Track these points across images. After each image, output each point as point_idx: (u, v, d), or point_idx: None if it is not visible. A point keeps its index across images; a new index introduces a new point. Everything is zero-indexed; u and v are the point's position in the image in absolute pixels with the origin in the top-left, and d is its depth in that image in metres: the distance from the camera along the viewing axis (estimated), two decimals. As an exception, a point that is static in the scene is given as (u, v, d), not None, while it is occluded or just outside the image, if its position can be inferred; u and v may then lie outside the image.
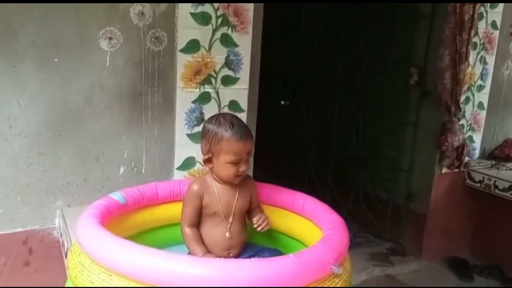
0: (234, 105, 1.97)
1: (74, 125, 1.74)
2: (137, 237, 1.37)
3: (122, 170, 1.85)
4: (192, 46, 1.84)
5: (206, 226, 1.38)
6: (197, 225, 1.37)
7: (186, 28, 1.81)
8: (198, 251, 1.30)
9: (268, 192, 1.51)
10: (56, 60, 1.66)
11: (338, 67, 3.26)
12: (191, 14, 1.80)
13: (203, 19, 1.83)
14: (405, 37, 2.84)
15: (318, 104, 3.46)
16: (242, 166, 1.31)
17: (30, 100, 1.65)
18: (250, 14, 1.91)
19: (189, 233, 1.34)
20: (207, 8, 1.83)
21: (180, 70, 1.84)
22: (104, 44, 1.71)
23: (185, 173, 1.94)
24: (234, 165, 1.30)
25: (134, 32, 1.75)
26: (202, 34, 1.84)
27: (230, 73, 1.94)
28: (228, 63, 1.92)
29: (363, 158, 3.18)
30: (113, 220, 1.24)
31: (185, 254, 1.35)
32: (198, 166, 1.93)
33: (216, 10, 1.84)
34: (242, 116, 1.97)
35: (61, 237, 1.71)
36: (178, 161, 1.93)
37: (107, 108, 1.77)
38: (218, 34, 1.87)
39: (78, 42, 1.68)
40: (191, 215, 1.35)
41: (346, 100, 3.24)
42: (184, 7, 1.79)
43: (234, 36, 1.91)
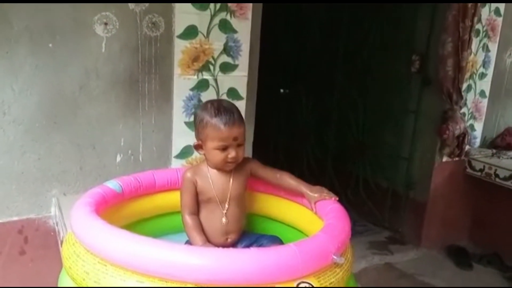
0: (232, 92, 1.94)
1: (69, 112, 1.71)
2: (134, 226, 1.35)
3: (118, 158, 1.83)
4: (189, 32, 1.80)
5: (203, 212, 1.36)
6: (197, 212, 1.35)
7: (184, 13, 1.77)
8: (197, 240, 1.28)
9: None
10: (50, 45, 1.62)
11: (339, 54, 3.22)
12: (189, -2, 1.76)
13: (201, 4, 1.79)
14: (406, 23, 2.79)
15: (317, 91, 3.43)
16: (232, 153, 1.28)
17: (24, 86, 1.62)
18: (250, -1, 1.87)
19: (188, 221, 1.32)
20: (205, -8, 1.79)
21: (177, 56, 1.80)
22: (99, 29, 1.67)
23: (183, 161, 1.92)
24: (222, 151, 1.28)
25: (131, 17, 1.71)
26: (200, 19, 1.80)
27: (229, 60, 1.90)
28: (226, 50, 1.88)
29: (363, 146, 3.16)
30: (108, 209, 1.21)
31: (182, 242, 1.34)
32: (196, 155, 1.91)
33: (214, -5, 1.80)
34: (241, 104, 1.94)
35: (56, 225, 1.69)
36: (176, 149, 1.90)
37: (103, 95, 1.74)
38: (216, 20, 1.83)
39: (73, 27, 1.64)
40: (189, 203, 1.34)
41: (346, 87, 3.20)
42: (181, -9, 1.75)
43: (233, 21, 1.86)
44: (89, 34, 1.66)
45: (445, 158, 2.76)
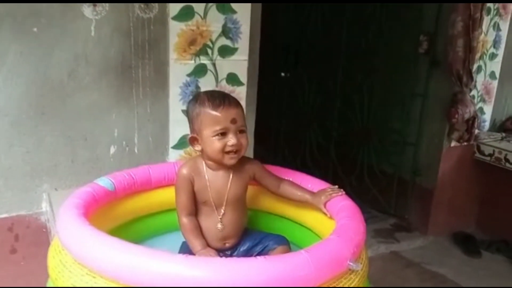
0: (232, 78, 1.83)
1: (58, 101, 1.60)
2: (128, 225, 1.25)
3: (112, 150, 1.73)
4: (185, 13, 1.68)
5: (200, 214, 1.25)
6: (194, 213, 1.24)
7: (179, -8, 1.65)
8: (196, 244, 1.17)
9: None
10: (35, 30, 1.52)
11: (343, 35, 3.09)
12: (184, -24, 1.63)
13: (197, -17, 1.66)
14: (414, 2, 2.66)
15: (320, 74, 3.30)
16: (231, 140, 1.15)
17: (9, 75, 1.51)
18: (249, -23, 1.75)
19: (186, 223, 1.21)
20: (202, -30, 1.66)
21: (172, 40, 1.69)
22: (88, 11, 1.56)
23: (181, 152, 1.82)
24: (220, 138, 1.15)
25: (121, -3, 1.59)
26: (196, -1, 1.68)
27: (228, 42, 1.79)
28: (225, 32, 1.76)
29: (368, 131, 3.06)
30: (100, 209, 1.11)
31: (180, 242, 1.24)
32: (194, 145, 1.80)
33: (211, -27, 1.67)
34: (241, 90, 1.84)
35: (48, 222, 1.60)
36: (173, 139, 1.81)
37: (94, 82, 1.63)
38: (214, -1, 1.71)
39: (59, 9, 1.53)
40: (186, 203, 1.22)
41: (351, 70, 3.08)
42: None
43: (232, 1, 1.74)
44: (76, 16, 1.55)
45: (453, 143, 2.67)
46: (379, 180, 3.02)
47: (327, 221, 1.16)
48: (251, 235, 1.29)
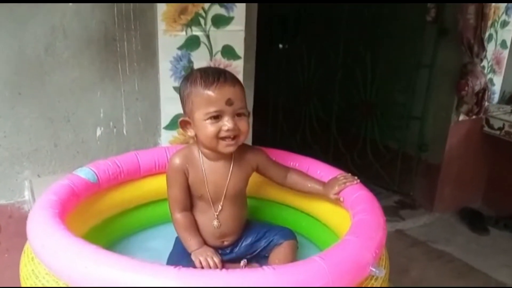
0: (228, 50, 1.66)
1: (35, 80, 1.45)
2: (116, 219, 1.13)
3: (99, 132, 1.59)
4: (174, -22, 1.50)
5: (195, 209, 1.12)
6: (189, 207, 1.10)
7: (166, -46, 1.47)
8: (192, 243, 1.05)
9: (275, 159, 1.20)
10: (5, 0, 1.35)
11: (344, 3, 2.90)
12: None
13: None
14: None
15: (321, 45, 3.13)
16: (226, 124, 0.99)
17: (-21, 51, 1.35)
18: None
19: (180, 220, 1.08)
20: None
21: (161, 8, 1.52)
22: (64, -23, 1.39)
23: (174, 132, 1.68)
24: (213, 122, 1.00)
25: (102, -39, 1.42)
26: (186, -38, 1.51)
27: (222, 11, 1.62)
28: (219, -1, 1.59)
29: (371, 104, 2.92)
30: (81, 204, 0.98)
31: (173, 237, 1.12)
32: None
33: None
34: (238, 64, 1.68)
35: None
36: (165, 119, 1.66)
37: (74, 57, 1.47)
38: (206, -39, 1.54)
39: (31, -25, 1.35)
40: (180, 197, 1.08)
41: (353, 40, 2.91)
42: None
43: (226, -36, 1.57)
44: (52, -16, 1.38)
45: (461, 117, 2.55)
46: (383, 155, 2.91)
47: (337, 210, 1.03)
48: (254, 228, 1.16)
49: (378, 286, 0.78)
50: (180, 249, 1.08)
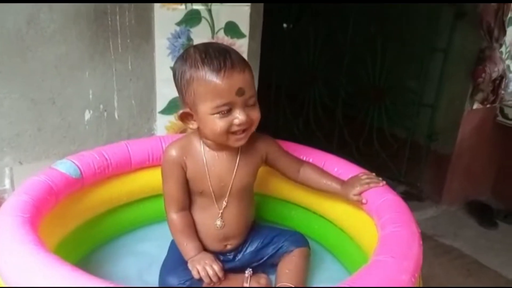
0: (231, 28, 1.52)
1: (16, 57, 1.31)
2: (103, 218, 0.99)
3: (88, 115, 1.46)
4: None
5: (194, 207, 0.99)
6: (187, 206, 0.97)
7: None
8: (188, 249, 0.92)
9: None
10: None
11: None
12: None
13: None
14: None
15: (328, 26, 2.98)
16: (238, 117, 0.86)
17: (-49, 23, 1.21)
18: None
19: (175, 221, 0.95)
20: None
21: (158, -22, 1.37)
22: None
23: (171, 117, 1.55)
24: (222, 116, 0.87)
25: None
26: None
27: (226, -17, 1.47)
28: (223, -30, 1.44)
29: (380, 90, 2.78)
30: (61, 204, 0.84)
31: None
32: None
33: None
34: (243, 42, 1.54)
35: (12, 203, 1.35)
36: (161, 102, 1.53)
37: (60, 32, 1.33)
38: None
39: None
40: (176, 195, 0.95)
41: (363, 21, 2.76)
42: None
43: None
44: None
45: (475, 105, 2.43)
46: (390, 144, 2.79)
47: (357, 214, 0.90)
48: (260, 232, 1.03)
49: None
50: (176, 255, 0.95)
